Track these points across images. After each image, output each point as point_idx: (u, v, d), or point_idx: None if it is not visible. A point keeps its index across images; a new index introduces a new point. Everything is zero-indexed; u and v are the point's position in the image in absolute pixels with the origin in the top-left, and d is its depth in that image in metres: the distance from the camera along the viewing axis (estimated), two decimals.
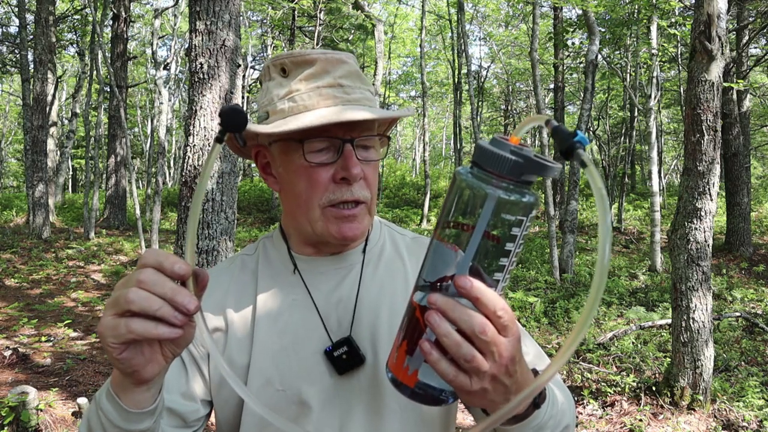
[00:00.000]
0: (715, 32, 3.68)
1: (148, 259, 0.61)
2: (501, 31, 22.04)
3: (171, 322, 0.59)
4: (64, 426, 3.59)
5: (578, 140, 0.51)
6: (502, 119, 24.93)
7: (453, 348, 0.57)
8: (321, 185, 0.84)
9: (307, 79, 0.85)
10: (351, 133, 0.84)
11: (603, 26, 9.70)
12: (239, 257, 0.98)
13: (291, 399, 0.85)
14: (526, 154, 0.54)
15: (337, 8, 14.58)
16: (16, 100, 24.69)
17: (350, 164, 0.82)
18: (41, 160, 11.04)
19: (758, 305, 6.81)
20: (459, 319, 0.56)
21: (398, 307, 0.88)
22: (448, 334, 0.57)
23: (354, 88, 0.86)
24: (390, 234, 1.01)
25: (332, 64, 0.85)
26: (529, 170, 0.54)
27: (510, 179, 0.55)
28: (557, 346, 5.45)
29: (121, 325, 0.59)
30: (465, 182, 0.56)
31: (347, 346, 0.85)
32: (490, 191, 0.55)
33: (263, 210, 16.59)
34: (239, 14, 4.15)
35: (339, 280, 0.91)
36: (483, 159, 0.56)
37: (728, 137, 8.94)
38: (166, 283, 0.60)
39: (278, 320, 0.89)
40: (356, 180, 0.84)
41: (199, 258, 4.05)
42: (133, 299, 0.59)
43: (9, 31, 18.13)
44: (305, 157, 0.83)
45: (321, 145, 0.83)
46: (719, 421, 3.78)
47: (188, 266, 0.61)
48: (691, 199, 3.81)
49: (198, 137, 4.06)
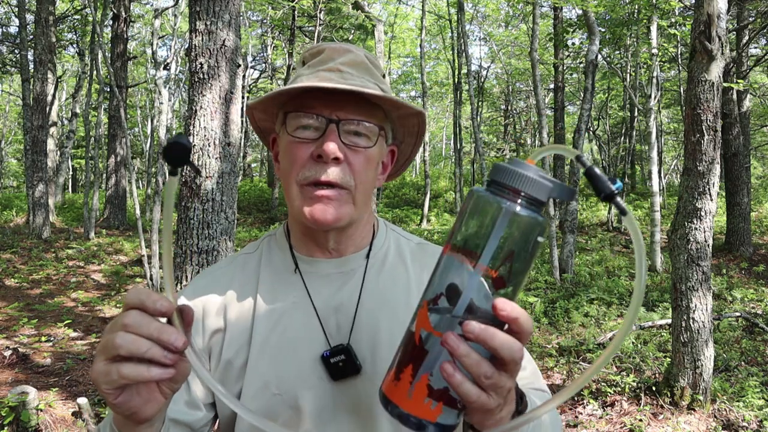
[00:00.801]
0: (715, 32, 3.68)
1: (130, 299, 0.61)
2: (501, 31, 22.04)
3: (162, 362, 0.59)
4: (64, 426, 3.59)
5: (617, 187, 0.54)
6: (502, 119, 24.93)
7: (474, 367, 0.56)
8: (299, 161, 0.83)
9: (313, 65, 0.87)
10: (337, 112, 0.82)
11: (603, 26, 9.70)
12: (240, 256, 0.97)
13: (287, 403, 0.84)
14: (544, 175, 0.56)
15: (337, 8, 14.58)
16: (16, 100, 24.68)
17: (326, 140, 0.80)
18: (41, 160, 11.04)
19: (758, 305, 6.81)
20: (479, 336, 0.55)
21: (399, 315, 0.87)
22: (469, 354, 0.56)
23: (354, 76, 0.84)
24: (395, 239, 0.99)
25: (338, 52, 0.87)
26: (545, 190, 0.56)
27: (526, 197, 0.56)
28: (557, 346, 5.45)
29: (113, 371, 0.59)
30: (481, 198, 0.57)
31: (345, 355, 0.84)
32: (506, 206, 0.56)
33: (263, 210, 16.59)
34: (239, 14, 4.15)
35: (340, 284, 0.90)
36: (502, 176, 0.56)
37: (728, 137, 8.94)
38: (151, 323, 0.59)
39: (277, 322, 0.88)
40: (329, 158, 0.80)
41: (199, 258, 4.05)
42: (120, 344, 0.58)
43: (9, 31, 18.13)
44: (287, 130, 0.84)
45: (307, 121, 0.82)
46: (719, 421, 3.78)
47: (170, 303, 0.61)
48: (691, 199, 3.81)
49: (198, 137, 4.06)
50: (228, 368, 0.87)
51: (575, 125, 8.68)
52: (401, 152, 1.00)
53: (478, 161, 11.96)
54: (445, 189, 19.00)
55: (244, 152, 23.17)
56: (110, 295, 7.57)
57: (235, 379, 0.86)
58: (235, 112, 4.20)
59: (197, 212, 4.05)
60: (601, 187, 0.54)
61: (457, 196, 15.48)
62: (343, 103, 0.82)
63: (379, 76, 0.89)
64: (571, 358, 5.04)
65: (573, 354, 5.17)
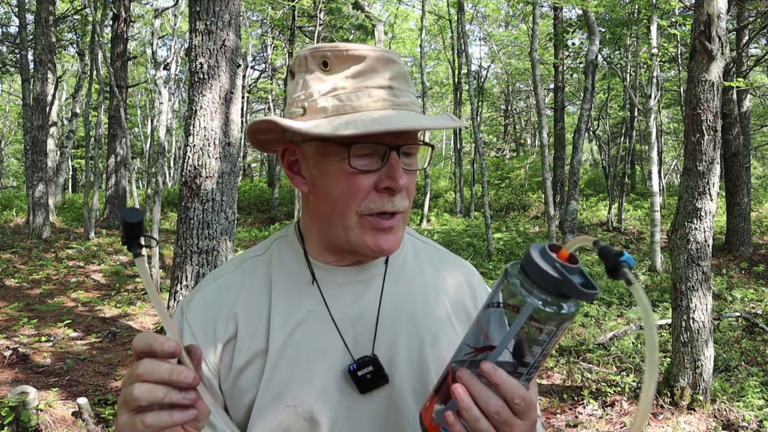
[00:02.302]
0: (715, 32, 3.68)
1: (139, 346, 0.63)
2: (501, 31, 22.05)
3: (182, 404, 0.61)
4: (64, 426, 3.59)
5: (624, 260, 0.56)
6: (502, 119, 24.94)
7: (471, 421, 0.63)
8: (362, 192, 0.78)
9: (354, 77, 0.78)
10: (398, 140, 0.78)
11: (603, 26, 9.69)
12: (248, 260, 0.92)
13: (301, 415, 0.81)
14: (567, 275, 0.58)
15: (337, 8, 14.58)
16: (16, 100, 24.67)
17: (397, 174, 0.77)
18: (41, 160, 11.04)
19: (758, 305, 6.81)
20: (478, 397, 0.63)
21: (417, 324, 0.86)
22: (469, 408, 0.63)
23: (403, 91, 0.80)
24: (413, 244, 0.96)
25: (382, 63, 0.79)
26: (567, 290, 0.59)
27: (550, 292, 0.59)
28: (557, 346, 5.45)
29: (137, 423, 0.61)
30: (510, 284, 0.62)
31: (373, 366, 0.82)
32: (529, 300, 0.60)
33: (263, 210, 16.59)
34: (239, 14, 4.15)
35: (359, 293, 0.87)
36: (529, 269, 0.61)
37: (728, 137, 8.94)
38: (161, 367, 0.61)
39: (293, 332, 0.84)
40: (401, 191, 0.79)
41: (199, 258, 4.05)
42: (138, 395, 0.60)
43: (9, 31, 18.13)
44: (350, 161, 0.77)
45: (365, 150, 0.77)
46: (719, 421, 3.78)
47: (176, 343, 0.62)
48: (691, 199, 3.81)
49: (198, 137, 4.06)
50: (239, 377, 0.84)
51: (575, 125, 8.68)
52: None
53: (478, 161, 11.94)
54: (445, 189, 18.99)
55: (244, 152, 23.17)
56: (110, 295, 7.57)
57: (246, 388, 0.83)
58: (235, 112, 4.20)
59: (197, 212, 4.05)
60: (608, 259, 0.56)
61: (457, 196, 15.48)
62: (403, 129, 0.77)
63: (413, 83, 0.85)
64: (571, 358, 5.04)
65: (573, 354, 5.17)
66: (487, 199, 10.48)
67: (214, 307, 0.87)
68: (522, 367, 0.63)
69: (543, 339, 0.61)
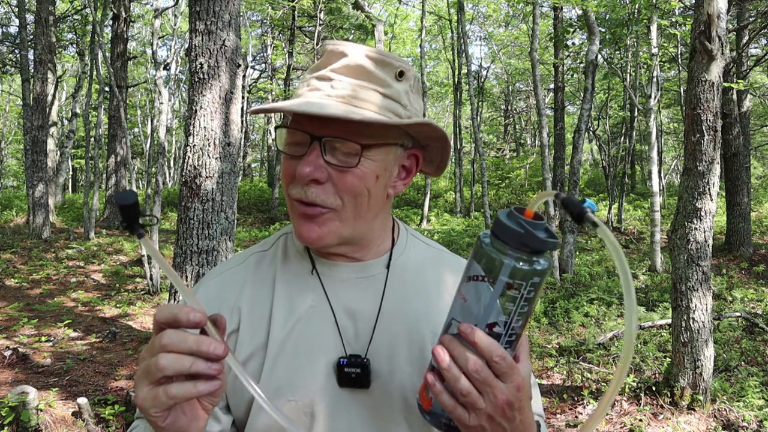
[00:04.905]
0: (715, 32, 3.68)
1: (162, 317, 0.61)
2: (501, 31, 22.04)
3: (208, 374, 0.60)
4: (64, 426, 3.59)
5: (587, 205, 0.59)
6: (502, 119, 24.95)
7: (452, 381, 0.63)
8: (287, 176, 0.82)
9: (312, 69, 0.83)
10: (322, 130, 0.77)
11: (603, 26, 9.70)
12: (253, 255, 0.93)
13: (302, 409, 0.82)
14: (531, 230, 0.61)
15: (337, 8, 14.59)
16: (16, 100, 24.68)
17: (301, 162, 0.77)
18: (41, 160, 11.04)
19: (758, 305, 6.81)
20: (458, 357, 0.63)
21: (419, 326, 0.86)
22: (450, 368, 0.63)
23: (345, 85, 0.78)
24: (415, 245, 0.96)
25: (334, 56, 0.81)
26: (532, 243, 0.61)
27: (520, 249, 0.62)
28: (557, 346, 5.45)
29: (161, 394, 0.59)
30: (484, 249, 0.64)
31: (361, 369, 0.82)
32: (505, 261, 0.62)
33: (263, 210, 16.59)
34: (239, 14, 4.15)
35: (360, 291, 0.87)
36: (498, 230, 0.63)
37: (728, 137, 8.94)
38: (188, 337, 0.60)
39: (294, 326, 0.85)
40: (303, 181, 0.78)
41: (199, 258, 4.05)
42: (165, 365, 0.59)
43: (9, 31, 18.13)
44: (284, 145, 0.83)
45: (296, 137, 0.80)
46: (719, 421, 3.78)
47: (202, 313, 0.61)
48: (691, 199, 3.81)
49: (198, 137, 4.05)
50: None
51: (575, 125, 8.68)
52: (430, 155, 0.92)
53: (478, 161, 11.96)
54: (445, 189, 19.00)
55: (244, 152, 23.17)
56: (110, 295, 7.57)
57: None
58: (235, 112, 4.19)
59: (197, 212, 4.05)
60: (572, 208, 0.59)
61: (457, 196, 15.48)
62: (329, 120, 0.76)
63: (385, 78, 0.80)
64: (571, 358, 5.04)
65: (573, 354, 5.18)
66: (487, 199, 10.48)
67: (217, 300, 0.88)
68: (499, 327, 0.63)
69: (518, 297, 0.62)
